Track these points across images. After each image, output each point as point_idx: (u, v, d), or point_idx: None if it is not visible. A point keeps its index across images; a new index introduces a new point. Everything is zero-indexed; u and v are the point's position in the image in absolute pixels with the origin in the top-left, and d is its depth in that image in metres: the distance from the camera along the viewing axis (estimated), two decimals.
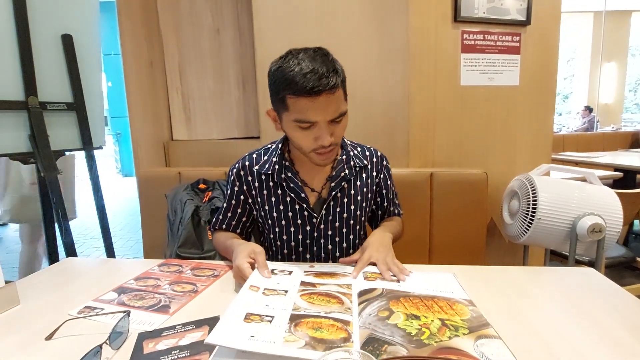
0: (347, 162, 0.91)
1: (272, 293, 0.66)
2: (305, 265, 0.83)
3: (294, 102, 0.73)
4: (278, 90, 0.75)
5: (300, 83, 0.70)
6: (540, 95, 1.52)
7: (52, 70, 1.38)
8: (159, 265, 0.87)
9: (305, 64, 0.71)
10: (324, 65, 0.71)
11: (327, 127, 0.76)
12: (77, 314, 0.64)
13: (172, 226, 1.33)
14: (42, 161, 1.32)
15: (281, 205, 0.90)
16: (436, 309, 0.60)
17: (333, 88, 0.71)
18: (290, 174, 0.88)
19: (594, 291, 0.70)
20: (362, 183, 0.93)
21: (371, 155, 0.96)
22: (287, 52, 0.77)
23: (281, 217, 0.91)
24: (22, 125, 1.31)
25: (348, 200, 0.91)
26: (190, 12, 1.68)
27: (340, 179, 0.89)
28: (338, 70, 0.74)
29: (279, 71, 0.74)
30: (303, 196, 0.88)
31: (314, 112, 0.73)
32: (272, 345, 0.50)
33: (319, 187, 0.91)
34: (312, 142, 0.78)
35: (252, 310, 0.58)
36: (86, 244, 3.28)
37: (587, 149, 3.62)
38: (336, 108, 0.75)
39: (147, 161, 1.65)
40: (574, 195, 1.20)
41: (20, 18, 1.26)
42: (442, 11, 1.40)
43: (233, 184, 0.94)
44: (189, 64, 1.72)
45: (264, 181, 0.90)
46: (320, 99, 0.71)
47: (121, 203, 4.97)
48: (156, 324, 0.61)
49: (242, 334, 0.52)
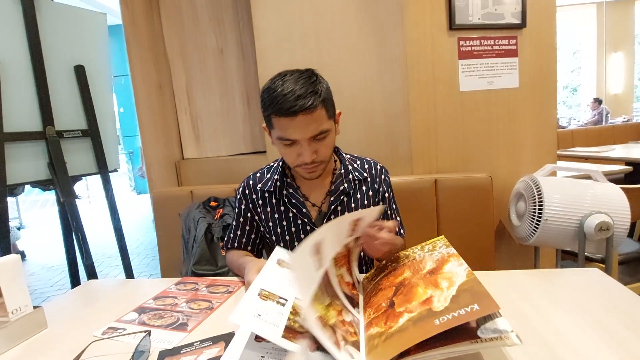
0: (345, 175, 0.93)
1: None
2: None
3: (276, 120, 0.79)
4: (265, 109, 0.80)
5: (279, 104, 0.75)
6: (541, 95, 1.53)
7: (67, 100, 1.46)
8: (175, 284, 0.91)
9: (286, 85, 0.76)
10: (304, 87, 0.75)
11: (309, 144, 0.79)
12: (101, 335, 0.68)
13: (186, 244, 1.37)
14: (61, 187, 1.38)
15: (284, 221, 0.93)
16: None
17: (310, 108, 0.75)
18: (291, 190, 0.92)
19: (599, 292, 0.70)
20: (362, 196, 0.95)
21: (370, 167, 0.98)
22: (277, 74, 0.81)
23: (285, 233, 0.94)
24: (40, 154, 1.38)
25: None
26: (194, 35, 1.75)
27: (339, 192, 0.92)
28: (318, 90, 0.77)
29: (266, 92, 0.79)
30: (305, 211, 0.91)
31: (293, 131, 0.78)
32: (272, 330, 0.52)
33: (319, 201, 0.93)
34: (295, 158, 0.82)
35: (267, 288, 0.61)
36: (104, 263, 3.37)
37: (597, 142, 3.56)
38: (316, 127, 0.78)
39: (160, 181, 1.71)
40: (579, 194, 1.20)
41: (35, 53, 1.34)
42: (436, 21, 1.43)
43: (240, 203, 0.98)
44: (196, 84, 1.79)
45: (267, 198, 0.94)
46: (298, 119, 0.75)
47: (136, 220, 5.08)
48: (175, 342, 0.64)
49: (251, 311, 0.55)
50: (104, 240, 3.95)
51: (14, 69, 1.30)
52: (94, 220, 4.98)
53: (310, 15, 1.48)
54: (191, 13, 1.73)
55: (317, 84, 0.78)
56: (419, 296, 0.56)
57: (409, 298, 0.57)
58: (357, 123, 1.51)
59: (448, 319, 0.46)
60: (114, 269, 3.21)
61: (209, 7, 1.72)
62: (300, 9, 1.48)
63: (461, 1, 1.40)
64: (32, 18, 1.32)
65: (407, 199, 1.08)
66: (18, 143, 1.31)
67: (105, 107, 1.58)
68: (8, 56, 1.28)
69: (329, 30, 1.48)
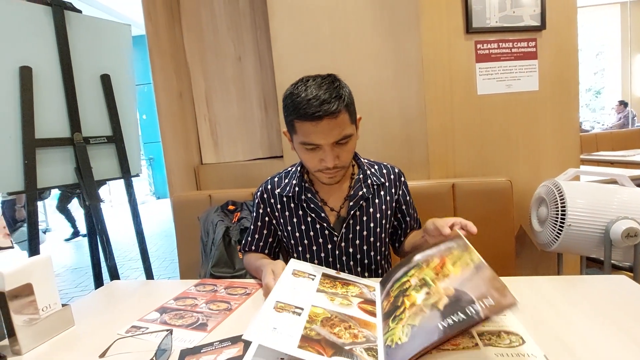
0: (364, 180, 0.93)
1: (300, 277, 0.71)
2: (332, 271, 0.85)
3: (300, 126, 0.79)
4: (288, 114, 0.81)
5: (303, 109, 0.75)
6: (562, 97, 1.49)
7: (93, 107, 1.52)
8: (195, 285, 0.93)
9: (310, 91, 0.76)
10: (328, 92, 0.76)
11: (332, 149, 0.80)
12: (125, 333, 0.70)
13: (205, 247, 1.40)
14: (87, 191, 1.44)
15: (303, 225, 0.94)
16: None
17: (334, 113, 0.75)
18: (310, 195, 0.92)
19: (627, 301, 0.68)
20: (380, 201, 0.95)
21: (388, 172, 0.98)
22: (299, 79, 0.82)
23: (303, 237, 0.94)
24: (68, 159, 1.44)
25: (367, 218, 0.93)
26: (213, 43, 1.80)
27: (358, 197, 0.92)
28: (342, 95, 0.77)
29: (289, 97, 0.80)
30: (323, 216, 0.91)
31: (317, 136, 0.78)
32: (287, 341, 0.53)
33: (338, 206, 0.94)
34: (317, 163, 0.82)
35: (283, 299, 0.62)
36: (126, 265, 3.46)
37: (623, 146, 3.43)
38: (339, 131, 0.78)
39: (180, 186, 1.75)
40: (605, 199, 1.16)
41: (65, 63, 1.41)
42: (453, 24, 1.43)
43: (258, 207, 1.00)
44: (215, 91, 1.83)
45: (286, 203, 0.95)
46: (322, 124, 0.76)
47: (156, 224, 5.20)
48: (195, 341, 0.65)
49: (268, 325, 0.56)
50: (125, 243, 4.06)
51: (46, 78, 1.37)
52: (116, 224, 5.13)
53: (326, 21, 1.50)
54: (211, 23, 1.79)
55: (340, 88, 0.79)
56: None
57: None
58: (373, 127, 1.51)
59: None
60: (134, 271, 3.29)
61: (228, 17, 1.77)
62: (315, 16, 1.50)
63: (478, 4, 1.39)
64: (62, 30, 1.39)
65: (424, 203, 1.07)
66: (48, 149, 1.38)
67: (129, 114, 1.64)
68: (40, 66, 1.35)
69: (345, 35, 1.50)
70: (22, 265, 0.68)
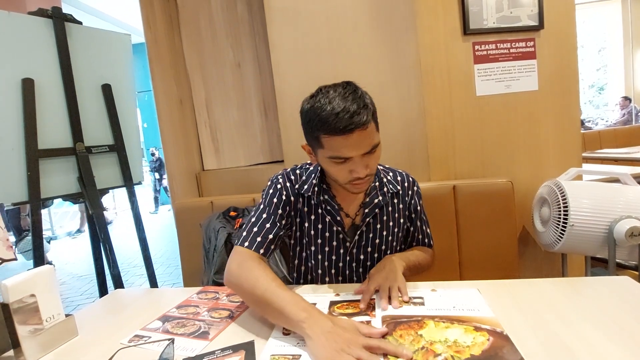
0: (380, 188, 0.92)
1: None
2: (331, 295, 0.83)
3: (327, 140, 0.74)
4: (312, 129, 0.76)
5: (333, 123, 0.71)
6: (562, 96, 1.49)
7: (95, 117, 1.54)
8: (197, 293, 0.93)
9: (336, 103, 0.72)
10: (355, 103, 0.72)
11: (362, 160, 0.77)
12: (127, 343, 0.71)
13: (207, 254, 1.40)
14: (90, 200, 1.45)
15: (320, 224, 0.91)
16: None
17: (365, 124, 0.72)
18: (327, 197, 0.90)
19: (631, 302, 0.67)
20: (394, 209, 0.94)
21: (402, 180, 0.97)
22: (317, 90, 0.78)
23: (318, 236, 0.92)
24: (71, 169, 1.46)
25: (380, 227, 0.92)
26: (213, 51, 1.81)
27: (373, 205, 0.91)
28: (368, 104, 0.75)
29: (311, 111, 0.75)
30: (338, 219, 0.90)
31: (348, 149, 0.74)
32: None
33: (353, 213, 0.92)
34: (347, 174, 0.78)
35: (277, 352, 0.61)
36: (130, 272, 3.47)
37: (627, 143, 3.40)
38: (369, 142, 0.76)
39: (181, 192, 1.76)
40: (607, 198, 1.15)
41: (66, 74, 1.42)
42: (450, 26, 1.43)
43: (272, 196, 0.89)
44: (215, 98, 1.84)
45: (306, 199, 0.92)
46: (353, 136, 0.72)
47: (158, 230, 5.23)
48: (197, 350, 0.66)
49: None
50: (129, 251, 4.08)
51: (47, 90, 1.38)
52: (120, 231, 5.15)
53: (324, 27, 1.50)
54: (209, 30, 1.80)
55: (364, 97, 0.75)
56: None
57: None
58: None
59: None
60: (138, 277, 3.31)
61: (226, 24, 1.78)
62: (313, 22, 1.51)
63: (475, 6, 1.40)
64: (63, 42, 1.41)
65: (425, 206, 1.07)
66: (51, 159, 1.39)
67: (130, 123, 1.65)
68: (42, 78, 1.36)
69: (343, 40, 1.50)
70: (26, 276, 0.69)
